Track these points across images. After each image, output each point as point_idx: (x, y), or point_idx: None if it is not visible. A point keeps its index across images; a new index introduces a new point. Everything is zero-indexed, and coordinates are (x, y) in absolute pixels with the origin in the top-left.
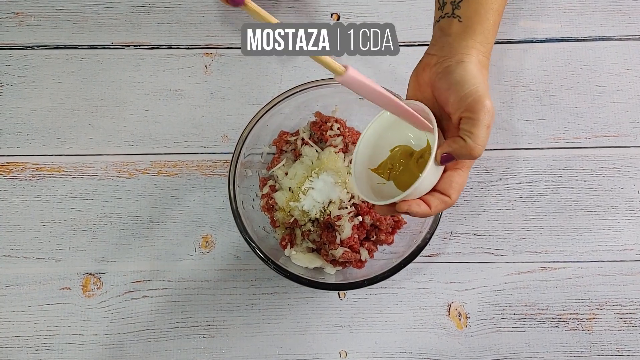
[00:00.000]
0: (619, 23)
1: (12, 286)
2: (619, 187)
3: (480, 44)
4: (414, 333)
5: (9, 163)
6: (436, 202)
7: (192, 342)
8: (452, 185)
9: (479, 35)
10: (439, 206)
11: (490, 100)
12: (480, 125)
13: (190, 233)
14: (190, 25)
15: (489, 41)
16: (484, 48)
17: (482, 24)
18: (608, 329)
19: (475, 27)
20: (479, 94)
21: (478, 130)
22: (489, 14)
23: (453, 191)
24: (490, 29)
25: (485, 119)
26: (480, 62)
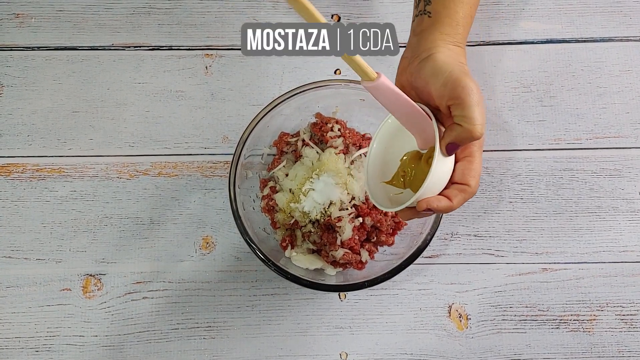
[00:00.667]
0: (620, 24)
1: (12, 287)
2: (620, 188)
3: (447, 35)
4: (415, 334)
5: (9, 164)
6: (456, 192)
7: (192, 343)
8: (467, 173)
9: (447, 27)
10: (459, 196)
11: (469, 79)
12: (469, 106)
13: (191, 234)
14: (191, 26)
15: (457, 32)
16: (453, 38)
17: (451, 16)
18: (609, 330)
19: (443, 20)
20: (455, 76)
21: (469, 111)
22: (457, 6)
23: (470, 178)
24: (460, 20)
25: (471, 98)
26: (450, 50)
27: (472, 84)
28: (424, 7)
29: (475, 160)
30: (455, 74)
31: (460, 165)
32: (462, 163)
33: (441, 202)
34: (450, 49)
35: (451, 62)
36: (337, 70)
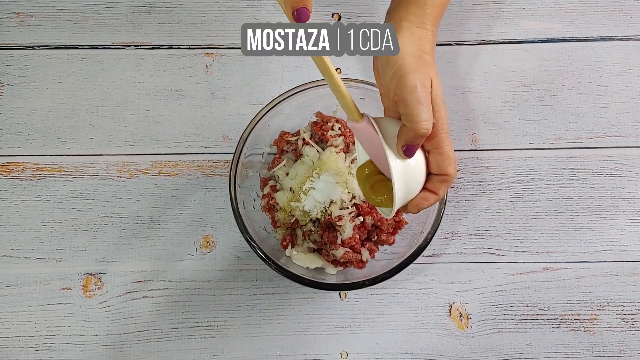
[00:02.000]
0: (621, 23)
1: (12, 286)
2: (621, 187)
3: (413, 15)
4: (415, 333)
5: (9, 163)
6: (437, 184)
7: (192, 342)
8: (442, 164)
9: (412, 7)
10: (442, 187)
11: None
12: (409, 105)
13: (191, 233)
14: (191, 25)
15: (425, 11)
16: (419, 19)
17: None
18: (610, 330)
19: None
20: (401, 72)
21: (410, 110)
22: None
23: (447, 167)
24: (428, 1)
25: (411, 96)
26: (413, 34)
27: (417, 82)
28: None
29: (445, 148)
30: (403, 69)
31: (432, 158)
32: (433, 154)
33: (429, 199)
34: (412, 33)
35: (405, 51)
36: (338, 69)
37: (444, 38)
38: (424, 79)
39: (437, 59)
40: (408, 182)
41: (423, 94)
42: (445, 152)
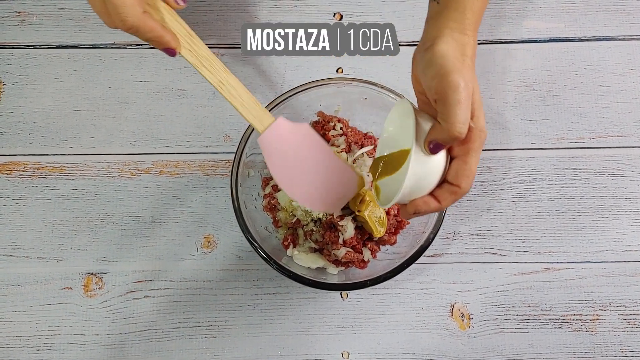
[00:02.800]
0: (623, 23)
1: (13, 286)
2: (623, 187)
3: (454, 22)
4: (417, 334)
5: (10, 162)
6: (445, 194)
7: (194, 342)
8: (461, 173)
9: (453, 13)
10: (449, 198)
11: (460, 74)
12: (449, 103)
13: (192, 233)
14: (193, 24)
15: (465, 17)
16: (460, 25)
17: (458, 3)
18: (612, 330)
19: (450, 5)
20: (444, 71)
21: (448, 109)
22: None
23: (461, 179)
24: (468, 6)
25: (453, 95)
26: (455, 40)
27: (460, 80)
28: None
29: (471, 160)
30: (446, 68)
31: (455, 164)
32: (457, 162)
33: (430, 205)
34: (455, 39)
35: (449, 54)
36: (339, 69)
37: None
38: (468, 80)
39: None
40: (420, 180)
41: (464, 95)
42: (469, 163)
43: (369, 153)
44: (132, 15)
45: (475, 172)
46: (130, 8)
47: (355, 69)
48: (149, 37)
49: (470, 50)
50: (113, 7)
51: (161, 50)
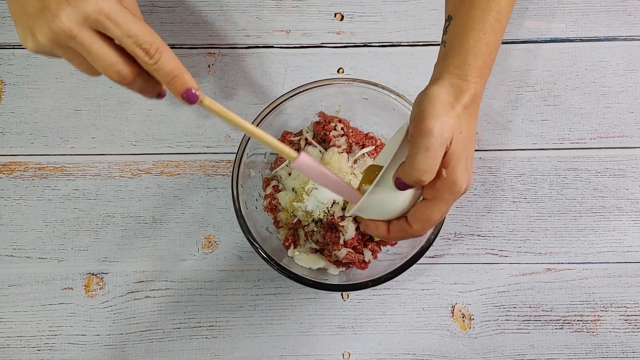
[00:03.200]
0: (624, 23)
1: (14, 286)
2: (624, 188)
3: (454, 67)
4: (418, 334)
5: (11, 163)
6: (396, 227)
7: (194, 342)
8: (415, 215)
9: (455, 58)
10: (398, 233)
11: (436, 121)
12: (415, 147)
13: (193, 233)
14: (194, 24)
15: (467, 62)
16: (460, 70)
17: (461, 46)
18: (613, 331)
19: (454, 50)
20: (423, 115)
21: (413, 152)
22: (469, 34)
23: (414, 221)
24: (470, 50)
25: (421, 140)
26: (452, 85)
27: (435, 127)
28: (442, 37)
29: (433, 207)
30: (426, 112)
31: (418, 204)
32: (421, 203)
33: (379, 230)
34: (452, 84)
35: (438, 99)
36: (340, 69)
37: None
38: (444, 129)
39: None
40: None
41: (434, 143)
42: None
43: (369, 153)
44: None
45: (436, 220)
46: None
47: (356, 69)
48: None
49: (467, 97)
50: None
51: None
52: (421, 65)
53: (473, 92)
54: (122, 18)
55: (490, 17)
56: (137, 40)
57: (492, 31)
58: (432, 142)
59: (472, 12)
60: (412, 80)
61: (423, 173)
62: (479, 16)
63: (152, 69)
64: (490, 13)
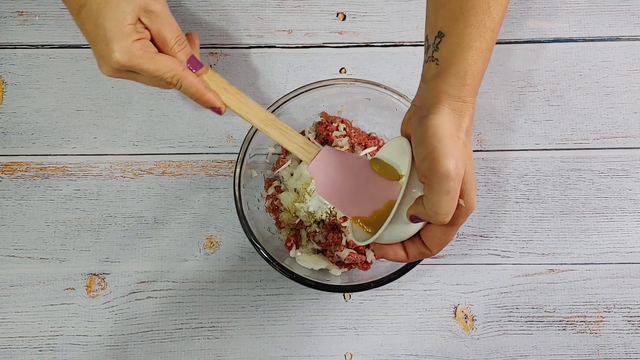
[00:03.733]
0: (628, 23)
1: (15, 286)
2: (628, 188)
3: (453, 88)
4: (420, 335)
5: (13, 163)
6: (415, 252)
7: (196, 343)
8: (434, 241)
9: (453, 78)
10: (417, 256)
11: (450, 160)
12: (435, 192)
13: (195, 234)
14: (196, 24)
15: (465, 82)
16: (459, 92)
17: (458, 64)
18: (616, 332)
19: (449, 69)
20: (435, 155)
21: (434, 197)
22: (466, 52)
23: (435, 246)
24: (468, 69)
25: (440, 185)
26: (453, 110)
27: (451, 167)
28: (432, 54)
29: (447, 231)
30: (437, 152)
31: (436, 230)
32: (439, 229)
33: (397, 254)
34: (452, 109)
35: (443, 132)
36: (343, 69)
37: None
38: (459, 166)
39: None
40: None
41: (453, 185)
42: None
43: (372, 154)
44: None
45: (445, 242)
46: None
47: (359, 69)
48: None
49: (467, 121)
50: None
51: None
52: None
53: (471, 113)
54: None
55: (486, 35)
56: (160, 77)
57: (487, 49)
58: (451, 185)
59: (468, 30)
60: (414, 81)
61: (446, 216)
62: (475, 34)
63: (180, 91)
64: (485, 31)
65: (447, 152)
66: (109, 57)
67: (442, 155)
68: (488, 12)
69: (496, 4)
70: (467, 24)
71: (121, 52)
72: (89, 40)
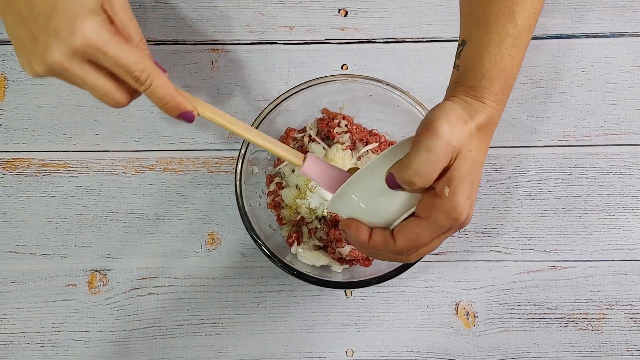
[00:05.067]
0: (630, 19)
1: (17, 282)
2: (630, 185)
3: (468, 88)
4: (422, 332)
5: (14, 159)
6: (378, 237)
7: (197, 339)
8: (402, 231)
9: (469, 80)
10: (379, 244)
11: (447, 126)
12: (418, 146)
13: (196, 230)
14: (197, 20)
15: (482, 85)
16: (475, 92)
17: (475, 69)
18: (618, 329)
19: (467, 73)
20: (433, 118)
21: (414, 150)
22: (484, 58)
23: (400, 236)
24: (485, 74)
25: (426, 141)
26: (467, 102)
27: (443, 131)
28: (455, 61)
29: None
30: (436, 116)
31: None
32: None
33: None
34: (467, 102)
35: (452, 111)
36: (344, 66)
37: (452, 35)
38: (452, 137)
39: (447, 56)
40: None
41: (439, 147)
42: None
43: (373, 150)
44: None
45: (423, 243)
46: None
47: (360, 65)
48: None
49: (481, 118)
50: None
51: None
52: (426, 61)
53: (489, 114)
54: (111, 49)
55: (507, 42)
56: (128, 69)
57: (509, 56)
58: (435, 144)
59: (488, 36)
60: (416, 77)
61: (416, 175)
62: (495, 40)
63: (146, 94)
64: (507, 37)
65: (446, 119)
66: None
67: (439, 118)
68: (511, 19)
69: (522, 11)
70: (487, 31)
71: (91, 28)
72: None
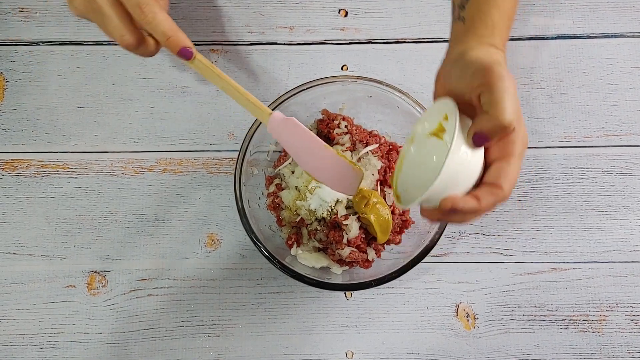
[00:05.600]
0: (632, 20)
1: (16, 284)
2: (631, 186)
3: (482, 37)
4: (422, 334)
5: (13, 160)
6: (486, 194)
7: (197, 341)
8: (501, 174)
9: (481, 30)
10: (489, 199)
11: (503, 68)
12: (497, 90)
13: (196, 231)
14: (197, 21)
15: (493, 34)
16: (490, 40)
17: (484, 20)
18: (618, 331)
19: (476, 24)
20: (486, 64)
21: (497, 96)
22: (492, 9)
23: (504, 181)
24: (496, 23)
25: (500, 83)
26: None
27: (505, 73)
28: (458, 14)
29: (513, 163)
30: (486, 63)
31: (496, 165)
32: (498, 163)
33: (467, 203)
34: (485, 49)
35: (485, 53)
36: (344, 66)
37: None
38: (511, 75)
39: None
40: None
41: (511, 86)
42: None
43: (373, 151)
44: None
45: (517, 178)
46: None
47: (360, 66)
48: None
49: (502, 59)
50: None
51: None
52: (426, 62)
53: (501, 55)
54: None
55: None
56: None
57: (512, 7)
58: (509, 85)
59: None
60: (416, 78)
61: (512, 115)
62: None
63: (148, 28)
64: None
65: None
66: None
67: (493, 62)
68: None
69: None
70: None
71: None
72: None
